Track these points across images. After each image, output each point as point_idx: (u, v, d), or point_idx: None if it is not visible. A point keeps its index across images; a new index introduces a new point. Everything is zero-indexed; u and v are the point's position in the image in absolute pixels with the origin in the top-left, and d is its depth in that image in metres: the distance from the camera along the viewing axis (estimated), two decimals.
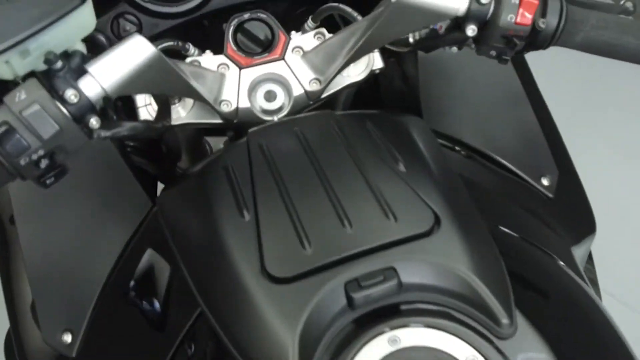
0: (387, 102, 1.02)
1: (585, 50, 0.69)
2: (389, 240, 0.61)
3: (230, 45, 0.86)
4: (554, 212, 0.82)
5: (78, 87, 0.60)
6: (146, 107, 0.80)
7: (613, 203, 1.83)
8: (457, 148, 0.84)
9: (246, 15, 0.88)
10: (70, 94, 0.59)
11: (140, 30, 0.90)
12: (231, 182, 0.70)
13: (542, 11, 0.66)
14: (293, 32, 0.89)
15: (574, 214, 0.85)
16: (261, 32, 0.87)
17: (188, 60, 0.84)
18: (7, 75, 0.59)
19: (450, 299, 0.58)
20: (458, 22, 0.70)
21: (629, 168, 2.22)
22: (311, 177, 0.68)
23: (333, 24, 0.94)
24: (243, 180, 0.70)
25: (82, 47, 0.63)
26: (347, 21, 0.94)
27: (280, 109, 0.85)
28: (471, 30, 0.68)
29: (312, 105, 0.89)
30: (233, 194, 0.68)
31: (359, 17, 0.83)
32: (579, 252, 0.83)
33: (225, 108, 0.83)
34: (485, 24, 0.68)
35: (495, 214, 0.72)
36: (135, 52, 0.62)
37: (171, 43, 0.82)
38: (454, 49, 0.75)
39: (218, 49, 0.97)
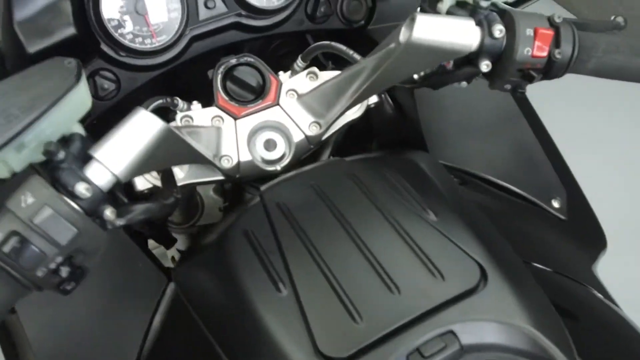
0: (378, 133, 1.00)
1: (597, 75, 0.68)
2: (440, 301, 0.58)
3: (221, 96, 0.81)
4: (570, 234, 0.82)
5: (87, 177, 0.53)
6: (143, 176, 0.74)
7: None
8: (466, 179, 0.82)
9: (233, 61, 0.83)
10: (81, 188, 0.52)
11: (118, 87, 0.83)
12: (256, 250, 0.65)
13: (556, 41, 0.64)
14: (281, 73, 0.85)
15: (587, 233, 0.85)
16: (250, 77, 0.83)
17: (179, 116, 0.78)
18: (3, 173, 0.52)
19: (513, 356, 0.56)
20: (469, 57, 0.67)
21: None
22: (342, 238, 0.64)
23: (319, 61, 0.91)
24: (268, 246, 0.65)
25: (79, 129, 0.57)
26: (335, 59, 0.91)
27: (282, 158, 0.80)
28: (485, 65, 0.66)
29: (312, 148, 0.86)
30: (262, 265, 0.64)
31: (356, 56, 0.79)
32: (596, 269, 0.82)
33: (226, 164, 0.78)
34: (499, 58, 0.66)
35: (523, 248, 0.70)
36: (143, 129, 0.57)
37: (161, 101, 0.76)
38: (463, 83, 0.72)
39: (204, 97, 0.92)
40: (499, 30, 0.64)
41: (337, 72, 0.86)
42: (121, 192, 0.58)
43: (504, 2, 0.69)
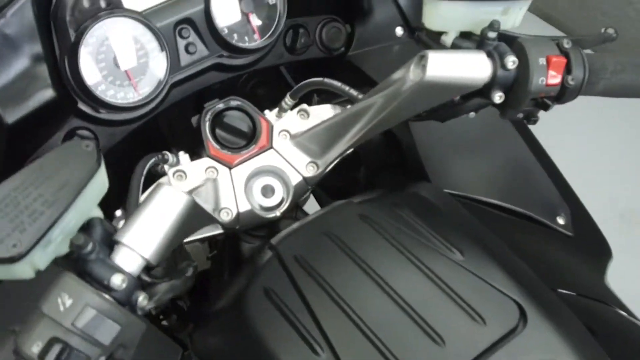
0: (366, 159, 0.97)
1: (605, 95, 0.69)
2: (485, 347, 0.57)
3: (212, 145, 0.76)
4: (578, 249, 0.82)
5: (119, 267, 0.50)
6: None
7: None
8: (472, 206, 0.81)
9: (220, 106, 0.78)
10: (117, 281, 0.48)
11: (97, 145, 0.76)
12: (282, 311, 0.62)
13: (568, 67, 0.64)
14: (267, 112, 0.81)
15: (593, 246, 0.86)
16: (240, 122, 0.78)
17: (170, 172, 0.73)
18: (28, 274, 0.47)
19: None
20: (480, 89, 0.66)
21: None
22: (371, 287, 0.62)
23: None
24: (294, 305, 0.62)
25: (98, 212, 0.52)
26: (321, 91, 0.88)
27: (281, 203, 0.77)
28: (498, 97, 0.64)
29: (310, 189, 0.82)
30: (292, 326, 0.60)
31: (353, 92, 0.76)
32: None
33: (225, 217, 0.73)
34: (511, 88, 0.65)
35: (546, 274, 0.70)
36: (169, 205, 0.53)
37: (154, 160, 0.70)
38: (472, 114, 0.71)
39: (185, 144, 0.87)
40: (512, 61, 0.62)
41: (326, 106, 0.83)
42: (146, 273, 0.54)
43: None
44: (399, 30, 0.95)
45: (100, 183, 0.50)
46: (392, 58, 0.95)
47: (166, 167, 0.73)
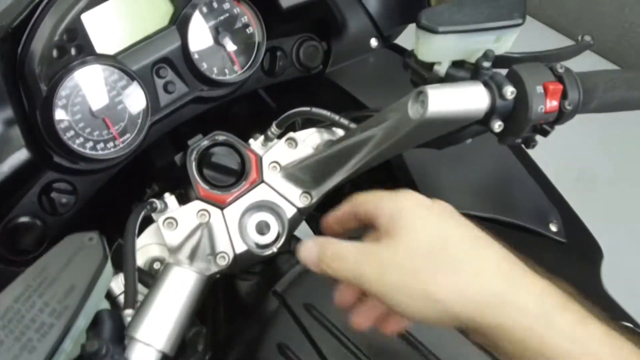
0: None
1: (597, 112, 0.69)
2: None
3: (201, 187, 0.73)
4: (573, 255, 0.83)
5: None
6: None
7: None
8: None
9: (204, 143, 0.74)
10: None
11: (77, 196, 0.72)
12: None
13: (564, 93, 0.63)
14: (252, 141, 0.78)
15: (585, 249, 0.86)
16: (228, 159, 0.75)
17: (161, 220, 0.69)
18: None
19: None
20: None
21: None
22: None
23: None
24: (310, 358, 0.61)
25: (105, 304, 0.48)
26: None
27: (277, 239, 0.74)
28: (497, 126, 0.63)
29: (303, 219, 0.80)
30: None
31: (344, 121, 0.74)
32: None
33: (222, 262, 0.70)
34: (510, 116, 0.64)
35: None
36: (181, 289, 0.50)
37: (144, 211, 0.66)
38: (468, 140, 0.70)
39: (164, 181, 0.83)
40: (510, 92, 0.61)
41: (311, 130, 0.81)
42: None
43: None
44: (373, 42, 0.93)
45: (108, 276, 0.46)
46: (368, 71, 0.93)
47: (154, 215, 0.70)
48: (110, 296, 0.64)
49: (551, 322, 0.45)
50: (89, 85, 0.66)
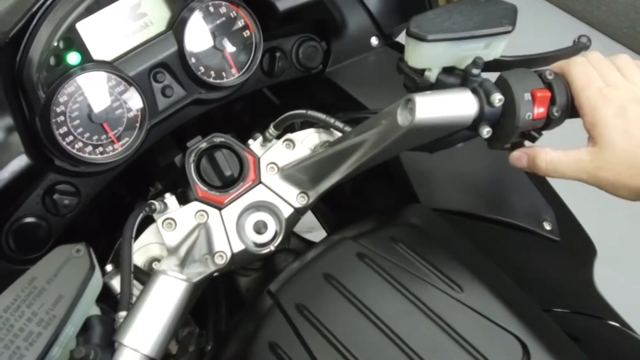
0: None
1: None
2: None
3: (199, 188, 0.74)
4: (566, 254, 0.83)
5: None
6: None
7: None
8: (460, 221, 0.81)
9: (203, 145, 0.76)
10: None
11: (79, 197, 0.75)
12: None
13: (552, 100, 0.63)
14: (251, 142, 0.79)
15: (579, 247, 0.86)
16: (226, 161, 0.76)
17: (160, 220, 0.72)
18: None
19: None
20: None
21: None
22: (376, 336, 0.62)
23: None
24: (300, 357, 0.62)
25: (95, 310, 0.50)
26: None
27: (274, 238, 0.76)
28: (486, 132, 0.64)
29: (300, 218, 0.81)
30: None
31: (338, 123, 0.75)
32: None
33: (220, 261, 0.72)
34: (498, 122, 0.64)
35: (539, 293, 0.71)
36: (169, 296, 0.51)
37: (143, 214, 0.68)
38: (459, 144, 0.71)
39: (164, 180, 0.85)
40: (498, 99, 0.62)
41: (309, 131, 0.82)
42: None
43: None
44: (374, 40, 0.93)
45: (96, 285, 0.48)
46: (369, 70, 0.93)
47: (154, 215, 0.72)
48: (110, 295, 0.66)
49: None
50: (87, 91, 0.68)
